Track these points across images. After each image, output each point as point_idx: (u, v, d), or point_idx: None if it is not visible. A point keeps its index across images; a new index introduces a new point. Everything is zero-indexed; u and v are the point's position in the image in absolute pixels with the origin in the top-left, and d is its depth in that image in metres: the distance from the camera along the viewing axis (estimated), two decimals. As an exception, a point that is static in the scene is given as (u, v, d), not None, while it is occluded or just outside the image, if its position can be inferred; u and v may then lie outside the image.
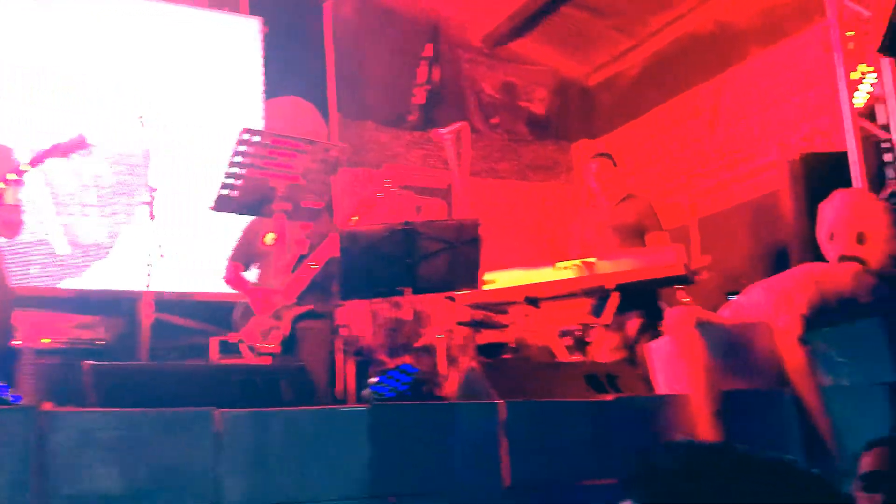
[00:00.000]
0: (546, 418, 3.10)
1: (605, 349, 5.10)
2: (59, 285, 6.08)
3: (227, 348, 5.63)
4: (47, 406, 2.54)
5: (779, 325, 3.78)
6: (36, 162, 3.96)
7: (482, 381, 3.37)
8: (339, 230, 4.62)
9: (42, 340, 5.53)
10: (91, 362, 2.94)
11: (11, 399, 3.17)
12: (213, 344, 5.72)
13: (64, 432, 2.46)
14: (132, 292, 5.82)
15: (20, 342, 5.08)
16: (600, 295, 5.05)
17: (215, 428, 2.59)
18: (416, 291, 4.44)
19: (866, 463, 2.50)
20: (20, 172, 3.94)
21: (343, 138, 7.78)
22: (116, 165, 6.23)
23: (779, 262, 5.11)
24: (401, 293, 4.41)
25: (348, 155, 6.04)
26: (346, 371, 6.23)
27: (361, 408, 2.88)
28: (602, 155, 5.80)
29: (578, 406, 3.22)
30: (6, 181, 3.89)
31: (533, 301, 4.97)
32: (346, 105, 7.88)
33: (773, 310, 3.82)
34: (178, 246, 5.05)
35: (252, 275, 5.13)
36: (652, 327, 5.02)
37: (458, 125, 5.27)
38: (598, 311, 5.24)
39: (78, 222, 6.16)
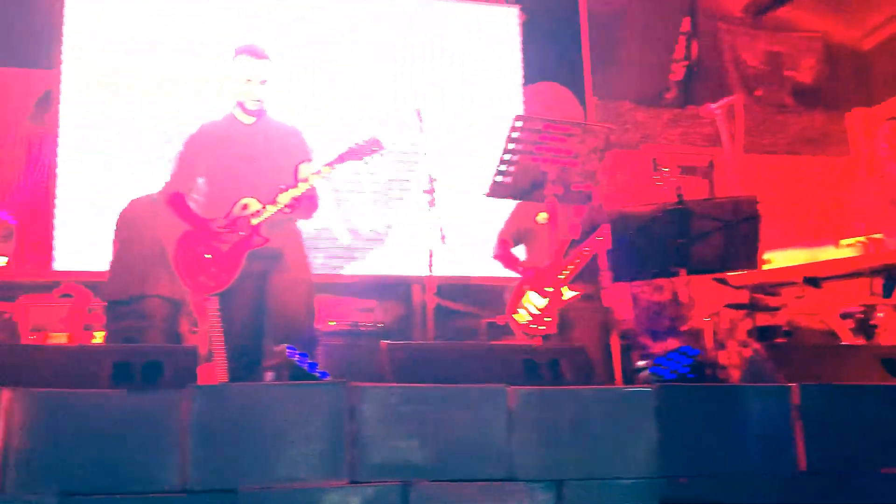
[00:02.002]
0: (843, 402, 2.95)
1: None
2: (342, 272, 6.54)
3: (497, 330, 5.80)
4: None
5: None
6: (333, 164, 4.23)
7: (767, 364, 3.25)
8: (610, 212, 4.61)
9: (329, 323, 5.98)
10: (387, 342, 3.13)
11: (320, 375, 3.44)
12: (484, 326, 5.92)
13: (370, 405, 2.63)
14: (408, 277, 6.16)
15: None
16: (889, 274, 4.71)
17: (508, 404, 2.69)
18: (691, 272, 4.35)
19: None
20: (319, 172, 4.23)
21: (600, 119, 7.75)
22: (390, 157, 6.60)
23: None
24: (675, 274, 4.34)
25: (617, 136, 6.01)
26: (612, 353, 6.22)
27: (647, 388, 2.86)
28: None
29: (880, 390, 3.03)
30: (307, 180, 4.19)
31: (813, 281, 4.72)
32: (601, 86, 7.84)
33: None
34: (452, 232, 5.27)
35: (520, 252, 5.23)
36: (950, 308, 4.62)
37: (729, 99, 5.09)
38: (887, 291, 4.89)
39: (357, 213, 6.58)
